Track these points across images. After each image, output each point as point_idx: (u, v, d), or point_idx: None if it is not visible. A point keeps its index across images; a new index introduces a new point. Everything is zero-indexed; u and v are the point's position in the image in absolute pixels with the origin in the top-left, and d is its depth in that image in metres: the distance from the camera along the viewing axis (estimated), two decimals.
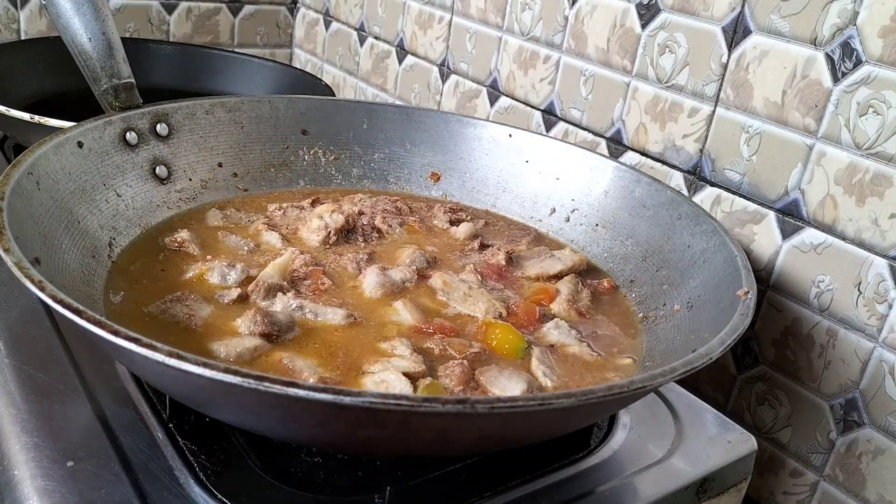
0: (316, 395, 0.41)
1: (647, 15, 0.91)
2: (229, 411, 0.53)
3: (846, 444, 0.76)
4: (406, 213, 0.90)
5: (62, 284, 0.58)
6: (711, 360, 0.54)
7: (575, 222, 0.90)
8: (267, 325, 0.63)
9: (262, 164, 0.93)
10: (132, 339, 0.43)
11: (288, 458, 0.59)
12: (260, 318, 0.63)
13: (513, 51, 1.10)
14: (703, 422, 0.71)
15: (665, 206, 0.82)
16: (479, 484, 0.59)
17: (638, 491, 0.62)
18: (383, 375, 0.59)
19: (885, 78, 0.70)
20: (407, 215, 0.90)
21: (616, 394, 0.48)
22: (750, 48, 0.81)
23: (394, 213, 0.89)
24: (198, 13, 1.51)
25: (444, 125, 0.99)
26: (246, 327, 0.63)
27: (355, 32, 1.44)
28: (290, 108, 0.96)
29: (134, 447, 0.57)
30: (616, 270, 0.84)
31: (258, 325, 0.63)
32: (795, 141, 0.78)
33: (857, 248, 0.74)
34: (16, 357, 0.65)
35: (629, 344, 0.71)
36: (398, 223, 0.87)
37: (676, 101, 0.89)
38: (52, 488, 0.52)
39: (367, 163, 0.99)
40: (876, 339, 0.73)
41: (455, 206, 0.94)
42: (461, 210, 0.93)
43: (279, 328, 0.63)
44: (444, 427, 0.48)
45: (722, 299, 0.66)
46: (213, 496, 0.53)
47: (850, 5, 0.72)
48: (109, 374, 0.65)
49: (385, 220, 0.86)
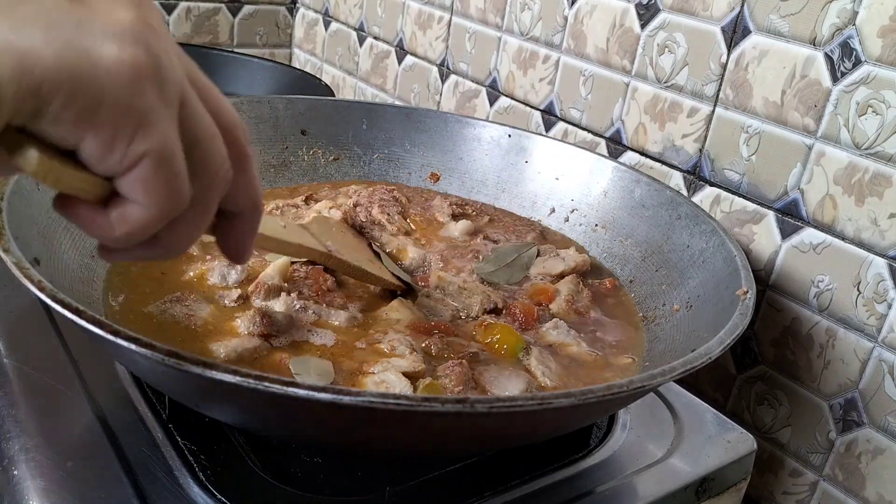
0: (315, 395, 0.41)
1: (646, 15, 0.91)
2: (229, 411, 0.53)
3: (846, 443, 0.76)
4: (405, 204, 0.90)
5: (62, 285, 0.58)
6: (711, 359, 0.54)
7: (574, 222, 0.90)
8: (266, 325, 0.63)
9: (262, 165, 0.93)
10: (132, 339, 0.43)
11: (288, 458, 0.59)
12: (259, 319, 0.63)
13: (512, 51, 1.10)
14: (702, 422, 0.71)
15: (664, 207, 0.82)
16: (478, 484, 0.59)
17: (637, 491, 0.62)
18: (383, 376, 0.59)
19: (885, 78, 0.70)
20: (406, 206, 0.89)
21: (615, 393, 0.48)
22: (749, 48, 0.81)
23: (391, 202, 0.88)
24: (197, 13, 1.51)
25: (444, 125, 0.99)
26: (245, 327, 0.63)
27: (355, 32, 1.44)
28: (290, 108, 0.96)
29: (133, 447, 0.57)
30: (615, 271, 0.84)
31: (257, 326, 0.63)
32: (795, 141, 0.78)
33: (857, 247, 0.74)
34: (16, 357, 0.65)
35: (629, 344, 0.71)
36: (397, 212, 0.86)
37: (676, 101, 0.89)
38: (51, 488, 0.52)
39: (367, 163, 0.99)
40: (875, 339, 0.73)
41: (460, 200, 0.93)
42: (467, 205, 0.93)
43: (279, 329, 0.63)
44: (444, 427, 0.48)
45: (721, 299, 0.66)
46: (213, 496, 0.53)
47: (849, 5, 0.72)
48: (109, 374, 0.65)
49: (383, 210, 0.85)
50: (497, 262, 0.79)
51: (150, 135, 0.34)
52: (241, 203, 0.42)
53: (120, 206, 0.36)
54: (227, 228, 0.44)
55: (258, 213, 0.44)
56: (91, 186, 0.35)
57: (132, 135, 0.33)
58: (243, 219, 0.44)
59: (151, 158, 0.34)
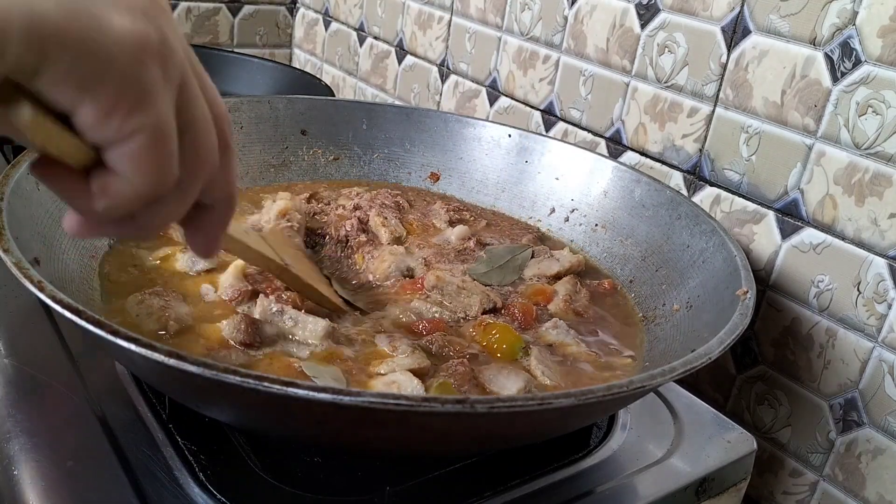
0: (315, 395, 0.41)
1: (646, 15, 0.91)
2: (229, 411, 0.53)
3: (846, 443, 0.76)
4: (406, 210, 0.89)
5: (61, 285, 0.58)
6: (710, 360, 0.54)
7: (574, 222, 0.90)
8: (250, 334, 0.61)
9: (262, 164, 0.93)
10: (132, 338, 0.43)
11: (288, 458, 0.59)
12: (244, 327, 0.61)
13: (512, 51, 1.10)
14: (702, 422, 0.71)
15: (664, 206, 0.82)
16: (478, 484, 0.59)
17: (637, 491, 0.62)
18: (394, 377, 0.59)
19: (885, 78, 0.70)
20: (406, 212, 0.89)
21: (615, 393, 0.48)
22: (749, 48, 0.81)
23: (392, 207, 0.87)
24: (197, 13, 1.51)
25: (444, 125, 0.99)
26: (229, 333, 0.61)
27: (355, 32, 1.44)
28: (290, 108, 0.96)
29: (133, 447, 0.57)
30: (615, 270, 0.84)
31: (241, 334, 0.61)
32: (795, 141, 0.78)
33: (857, 247, 0.74)
34: (16, 357, 0.65)
35: (629, 344, 0.71)
36: (395, 218, 0.85)
37: (676, 100, 0.89)
38: (51, 488, 0.52)
39: (367, 163, 0.99)
40: (875, 339, 0.73)
41: (460, 206, 0.93)
42: (465, 210, 0.92)
43: (261, 339, 0.61)
44: (444, 427, 0.48)
45: (721, 299, 0.66)
46: (213, 496, 0.53)
47: (849, 5, 0.72)
48: (109, 374, 0.65)
49: (380, 214, 0.85)
50: (490, 264, 0.79)
51: (149, 110, 0.34)
52: (216, 195, 0.42)
53: (103, 176, 0.35)
54: (199, 220, 0.43)
55: (231, 207, 0.44)
56: (78, 152, 0.35)
57: (132, 107, 0.33)
58: (216, 212, 0.44)
59: (147, 134, 0.34)
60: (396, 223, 0.84)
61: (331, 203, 0.88)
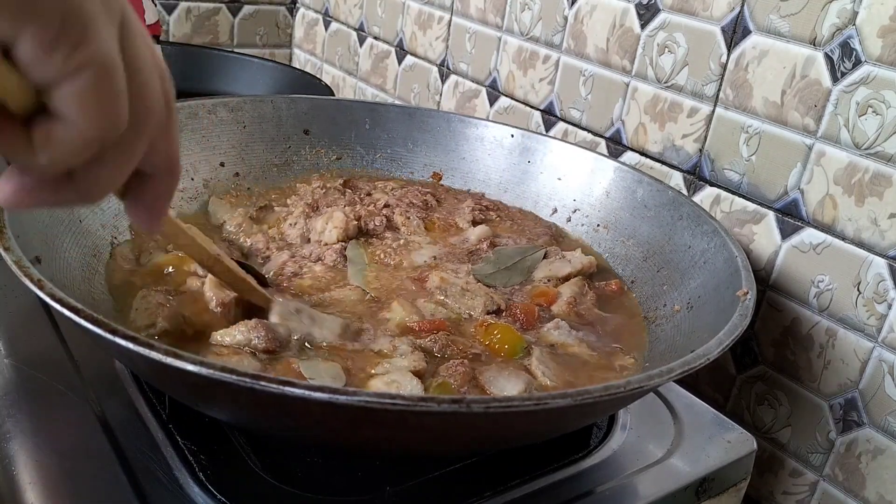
0: (312, 395, 0.41)
1: (646, 15, 0.91)
2: (228, 411, 0.53)
3: (846, 443, 0.76)
4: (433, 208, 0.89)
5: (63, 284, 0.58)
6: (709, 360, 0.54)
7: (576, 223, 0.90)
8: (271, 340, 0.60)
9: (265, 164, 0.93)
10: (131, 338, 0.43)
11: (288, 458, 0.59)
12: (264, 333, 0.60)
13: (512, 51, 1.10)
14: (702, 422, 0.71)
15: (666, 207, 0.82)
16: (478, 484, 0.59)
17: (637, 491, 0.62)
18: (393, 376, 0.59)
19: (885, 78, 0.70)
20: (434, 210, 0.89)
21: (612, 394, 0.48)
22: (749, 48, 0.81)
23: (420, 206, 0.88)
24: (197, 13, 1.51)
25: (447, 125, 0.99)
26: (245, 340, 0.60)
27: (355, 32, 1.44)
28: (293, 107, 0.96)
29: (133, 447, 0.57)
30: (617, 271, 0.84)
31: (262, 341, 0.60)
32: (795, 141, 0.78)
33: (857, 247, 0.74)
34: (16, 357, 0.65)
35: (631, 344, 0.71)
36: (419, 218, 0.86)
37: (676, 101, 0.89)
38: (51, 488, 0.52)
39: (370, 162, 0.99)
40: (875, 339, 0.73)
41: (490, 205, 0.92)
42: (493, 209, 0.92)
43: (280, 344, 0.61)
44: (441, 427, 0.48)
45: (722, 300, 0.66)
46: (213, 496, 0.53)
47: (849, 5, 0.72)
48: (109, 374, 0.65)
49: (404, 213, 0.85)
50: (497, 265, 0.79)
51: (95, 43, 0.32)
52: (158, 163, 0.40)
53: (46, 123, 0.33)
54: (140, 190, 0.41)
55: (174, 177, 0.42)
56: (19, 91, 0.32)
57: (77, 39, 0.31)
58: (158, 181, 0.41)
59: (94, 69, 0.32)
60: (418, 223, 0.85)
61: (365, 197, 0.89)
